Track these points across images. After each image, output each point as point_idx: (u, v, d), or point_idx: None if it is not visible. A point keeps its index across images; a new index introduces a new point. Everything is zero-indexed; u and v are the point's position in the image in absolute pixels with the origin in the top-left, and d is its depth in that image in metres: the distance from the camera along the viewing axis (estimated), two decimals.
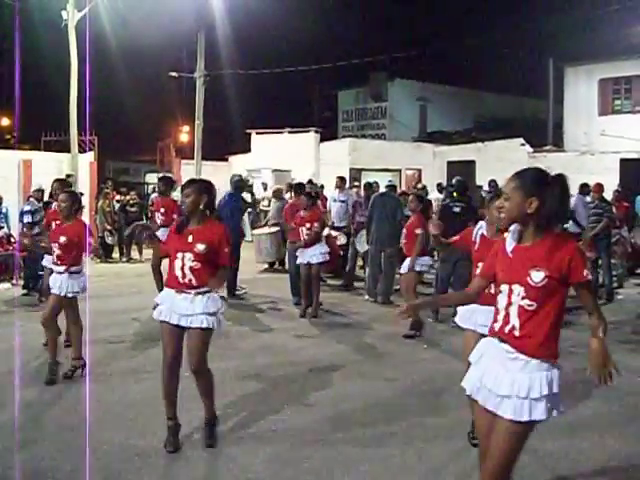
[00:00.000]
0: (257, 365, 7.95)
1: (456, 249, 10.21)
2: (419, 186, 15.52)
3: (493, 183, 15.28)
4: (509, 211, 3.59)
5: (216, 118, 29.65)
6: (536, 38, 30.31)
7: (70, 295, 7.18)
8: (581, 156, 23.43)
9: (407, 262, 9.80)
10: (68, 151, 20.46)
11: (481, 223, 5.84)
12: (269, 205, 18.41)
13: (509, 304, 3.55)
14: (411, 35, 36.84)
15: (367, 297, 12.38)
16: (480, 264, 5.06)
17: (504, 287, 3.60)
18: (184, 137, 36.60)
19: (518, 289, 3.51)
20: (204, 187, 5.50)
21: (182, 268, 5.31)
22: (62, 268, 7.16)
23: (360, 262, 14.34)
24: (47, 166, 19.02)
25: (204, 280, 5.31)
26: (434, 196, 16.44)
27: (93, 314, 8.93)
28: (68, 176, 18.18)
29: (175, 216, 11.33)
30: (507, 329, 3.55)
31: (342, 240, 14.46)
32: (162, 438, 5.56)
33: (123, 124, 37.28)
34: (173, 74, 26.89)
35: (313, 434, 5.81)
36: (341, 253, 14.40)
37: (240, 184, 12.94)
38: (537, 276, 3.45)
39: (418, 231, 9.68)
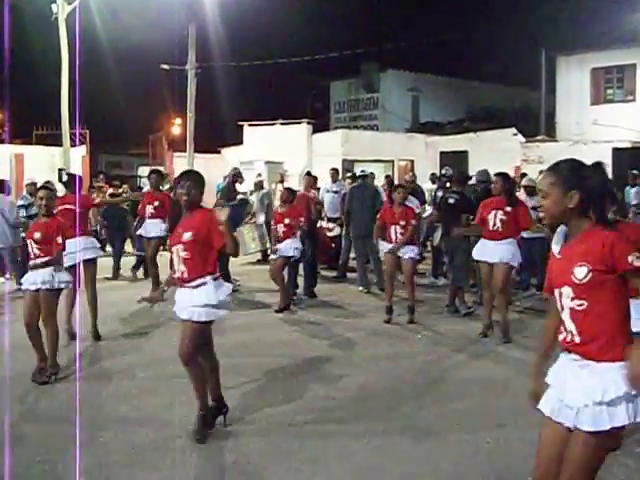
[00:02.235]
0: (251, 357, 7.96)
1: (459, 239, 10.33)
2: (407, 177, 15.49)
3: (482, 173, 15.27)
4: (549, 209, 3.37)
5: (208, 110, 29.59)
6: (528, 28, 30.36)
7: (44, 287, 7.02)
8: (573, 146, 23.43)
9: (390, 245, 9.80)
10: (60, 145, 20.40)
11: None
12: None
13: (562, 309, 3.33)
14: (403, 26, 36.84)
15: (361, 288, 12.40)
16: None
17: (556, 292, 3.36)
18: (176, 130, 36.53)
19: (567, 291, 3.28)
20: (200, 179, 5.55)
21: (178, 262, 5.37)
22: (38, 261, 7.09)
23: (353, 254, 14.33)
24: (39, 160, 19.01)
25: (197, 271, 5.29)
26: (427, 186, 16.43)
27: (86, 308, 8.92)
28: (60, 170, 18.16)
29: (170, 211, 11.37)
30: (568, 338, 3.31)
31: (336, 231, 14.46)
32: (157, 432, 5.58)
33: (115, 117, 37.20)
34: (164, 67, 26.79)
35: (308, 425, 5.82)
36: (333, 245, 14.40)
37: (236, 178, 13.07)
38: (580, 272, 3.20)
39: (414, 222, 9.76)
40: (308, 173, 14.91)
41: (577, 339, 3.26)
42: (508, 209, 8.56)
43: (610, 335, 3.19)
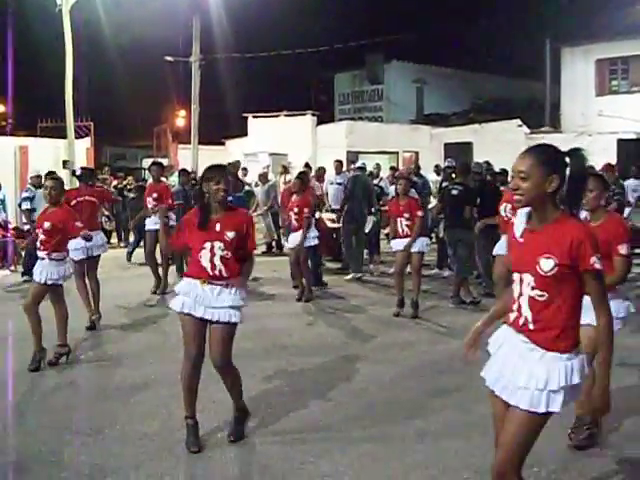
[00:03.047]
0: (254, 347, 7.96)
1: (458, 229, 10.33)
2: (402, 169, 15.51)
3: (485, 164, 15.27)
4: (528, 191, 3.25)
5: (213, 102, 29.52)
6: (533, 19, 30.22)
7: (50, 282, 7.15)
8: (578, 137, 23.38)
9: (403, 242, 9.76)
10: (64, 137, 20.40)
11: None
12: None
13: (520, 294, 3.33)
14: (407, 17, 36.73)
15: (352, 275, 12.56)
16: None
17: (516, 276, 3.36)
18: (180, 122, 36.46)
19: (528, 278, 3.28)
20: (227, 174, 5.36)
21: (212, 259, 5.08)
22: (44, 254, 7.17)
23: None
24: (44, 152, 18.99)
25: (233, 271, 5.12)
26: (432, 178, 16.42)
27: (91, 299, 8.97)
28: (65, 162, 18.16)
29: (170, 202, 11.36)
30: (521, 322, 3.33)
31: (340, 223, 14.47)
32: (162, 423, 5.60)
33: (119, 109, 37.21)
34: (169, 58, 26.75)
35: (312, 416, 5.83)
36: (334, 235, 14.40)
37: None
38: (547, 264, 3.20)
39: (420, 213, 9.70)
40: (306, 165, 14.94)
41: (531, 326, 3.30)
42: None
43: (563, 327, 3.24)
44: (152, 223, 11.36)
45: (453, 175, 11.79)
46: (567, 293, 3.23)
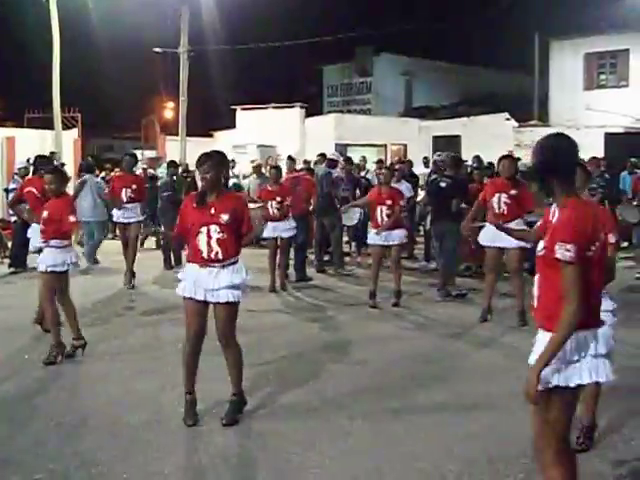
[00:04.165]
0: (240, 338, 7.96)
1: (445, 221, 10.34)
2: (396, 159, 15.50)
3: (476, 159, 15.32)
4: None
5: (201, 94, 29.48)
6: (521, 12, 30.21)
7: (49, 270, 7.02)
8: (566, 130, 23.14)
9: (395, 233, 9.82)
10: (52, 128, 20.31)
11: None
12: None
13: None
14: (397, 9, 36.70)
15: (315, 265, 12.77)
16: None
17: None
18: (168, 113, 36.30)
19: (538, 260, 3.50)
20: (221, 161, 5.55)
21: (208, 242, 5.30)
22: (43, 243, 7.12)
23: (345, 237, 14.36)
24: (31, 143, 18.90)
25: (230, 252, 5.35)
26: (420, 170, 16.42)
27: (81, 293, 8.94)
28: (52, 153, 18.07)
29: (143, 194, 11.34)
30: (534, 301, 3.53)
31: None
32: (150, 414, 5.60)
33: (107, 101, 37.03)
34: (157, 50, 26.64)
35: (300, 408, 5.84)
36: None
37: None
38: (540, 245, 3.44)
39: (401, 203, 9.84)
40: (290, 157, 14.94)
41: (535, 303, 3.51)
42: (513, 192, 8.49)
43: (553, 309, 3.32)
44: (136, 215, 11.22)
45: (442, 168, 11.80)
46: (554, 276, 3.32)
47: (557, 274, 3.31)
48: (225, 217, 5.31)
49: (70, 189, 10.15)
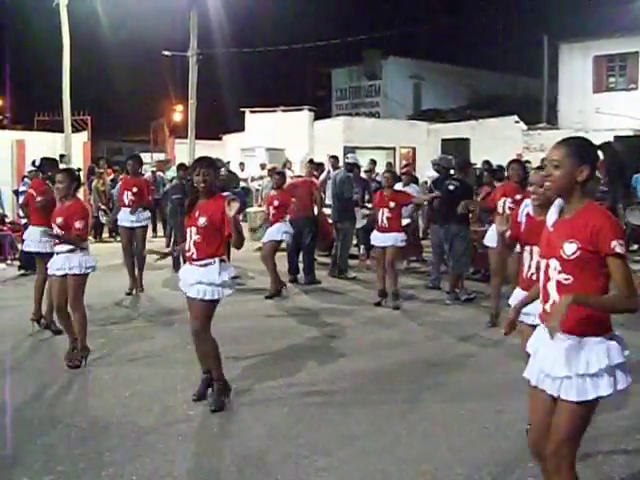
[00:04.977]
0: (249, 343, 7.98)
1: (453, 224, 10.35)
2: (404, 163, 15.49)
3: (486, 165, 15.30)
4: (558, 180, 3.39)
5: (210, 97, 29.56)
6: (531, 15, 30.19)
7: (71, 272, 6.96)
8: (575, 133, 23.36)
9: (383, 236, 9.95)
10: (61, 131, 20.39)
11: (527, 201, 5.33)
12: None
13: (547, 280, 3.44)
14: (405, 12, 36.71)
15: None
16: (528, 247, 4.97)
17: (543, 263, 3.49)
18: (177, 116, 36.45)
19: (554, 263, 3.39)
20: (214, 164, 5.89)
21: (190, 242, 5.73)
22: (62, 247, 7.05)
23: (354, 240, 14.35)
24: (40, 146, 18.96)
25: (205, 252, 5.66)
26: (429, 174, 16.39)
27: (88, 295, 8.94)
28: (62, 156, 18.17)
29: (150, 198, 11.31)
30: (548, 307, 3.41)
31: None
32: (158, 417, 5.62)
33: (116, 104, 37.17)
34: (166, 53, 26.72)
35: (307, 410, 5.85)
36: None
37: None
38: (569, 248, 3.30)
39: (406, 206, 9.97)
40: (311, 161, 14.95)
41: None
42: (518, 197, 8.44)
43: (589, 311, 3.28)
44: (127, 220, 10.97)
45: (452, 171, 11.80)
46: (590, 276, 3.29)
47: (592, 276, 3.30)
48: (202, 220, 5.65)
49: (80, 194, 10.09)
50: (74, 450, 5.01)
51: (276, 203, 11.01)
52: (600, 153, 3.48)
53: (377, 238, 10.11)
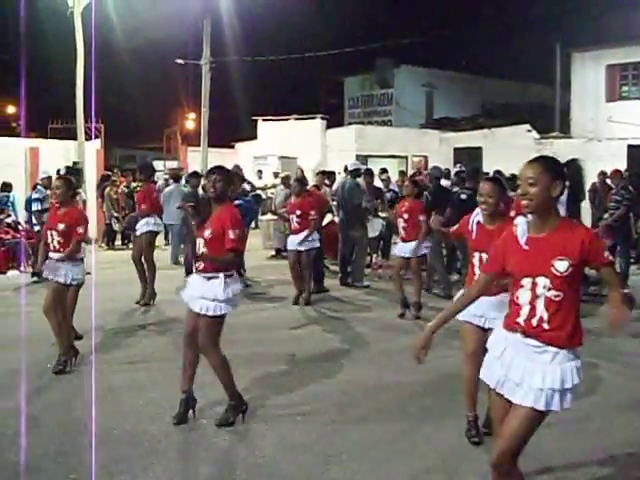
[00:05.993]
0: (263, 351, 7.98)
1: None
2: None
3: (497, 173, 15.26)
4: (536, 197, 3.46)
5: (222, 105, 29.60)
6: (543, 23, 30.17)
7: (74, 282, 7.10)
8: (588, 142, 23.35)
9: (409, 246, 9.78)
10: (75, 139, 20.48)
11: (477, 210, 5.44)
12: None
13: (535, 297, 3.49)
14: (417, 21, 36.72)
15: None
16: (477, 254, 5.09)
17: (526, 281, 3.51)
18: (190, 124, 36.57)
19: (543, 281, 3.45)
20: (229, 174, 5.77)
21: (199, 254, 5.65)
22: (55, 254, 7.08)
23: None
24: (54, 154, 19.07)
25: (212, 265, 5.53)
26: (443, 183, 16.36)
27: (99, 301, 8.98)
28: (75, 164, 18.25)
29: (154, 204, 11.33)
30: (535, 322, 3.49)
31: None
32: (170, 424, 5.62)
33: (129, 111, 37.34)
34: (179, 61, 26.85)
35: (321, 420, 5.84)
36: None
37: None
38: (562, 265, 3.40)
39: (422, 217, 9.71)
40: (322, 172, 15.00)
41: (546, 326, 3.48)
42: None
43: (574, 324, 3.48)
44: (146, 226, 10.92)
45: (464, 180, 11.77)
46: (574, 291, 3.48)
47: (576, 289, 3.49)
48: (207, 232, 5.55)
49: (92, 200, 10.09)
50: (86, 457, 5.00)
51: (299, 212, 10.81)
52: (565, 169, 3.60)
53: (398, 248, 10.00)
